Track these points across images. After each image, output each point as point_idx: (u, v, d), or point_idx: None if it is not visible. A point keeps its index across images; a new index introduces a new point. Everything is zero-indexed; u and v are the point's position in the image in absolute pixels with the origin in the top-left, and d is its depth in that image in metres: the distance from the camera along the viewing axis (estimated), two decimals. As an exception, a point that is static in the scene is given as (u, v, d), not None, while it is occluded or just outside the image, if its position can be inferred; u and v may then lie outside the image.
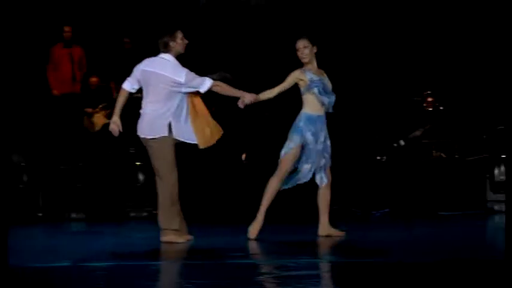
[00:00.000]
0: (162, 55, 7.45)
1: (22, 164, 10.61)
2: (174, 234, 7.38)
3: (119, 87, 11.66)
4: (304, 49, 7.57)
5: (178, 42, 7.43)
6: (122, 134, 7.58)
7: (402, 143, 10.48)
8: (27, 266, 6.01)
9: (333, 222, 7.88)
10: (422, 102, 11.05)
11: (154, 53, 7.54)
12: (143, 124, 7.39)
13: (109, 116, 11.47)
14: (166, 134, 7.29)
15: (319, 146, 7.55)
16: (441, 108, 10.90)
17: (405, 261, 6.04)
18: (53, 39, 11.77)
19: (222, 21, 12.38)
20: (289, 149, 7.51)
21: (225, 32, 12.34)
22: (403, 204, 10.24)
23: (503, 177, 10.24)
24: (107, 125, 11.44)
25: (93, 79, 11.64)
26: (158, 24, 11.85)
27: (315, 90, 7.52)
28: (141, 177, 10.67)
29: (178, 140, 7.38)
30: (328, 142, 7.66)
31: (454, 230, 8.65)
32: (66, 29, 11.66)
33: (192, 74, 7.35)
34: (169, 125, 7.29)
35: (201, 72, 7.55)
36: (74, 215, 10.47)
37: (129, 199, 10.62)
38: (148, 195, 10.32)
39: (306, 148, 7.53)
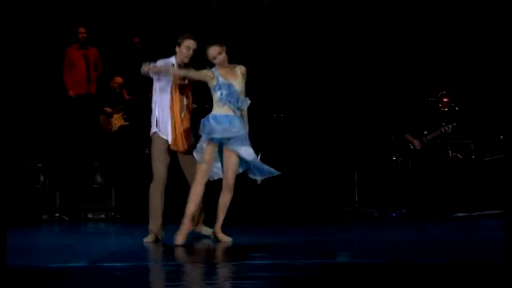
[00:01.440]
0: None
1: (39, 164, 10.66)
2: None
3: (129, 89, 11.80)
4: (219, 55, 7.33)
5: (182, 51, 7.47)
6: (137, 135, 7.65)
7: (425, 139, 10.41)
8: (44, 266, 6.04)
9: (349, 221, 7.86)
10: (437, 102, 11.00)
11: (165, 53, 7.59)
12: None
13: (126, 119, 11.53)
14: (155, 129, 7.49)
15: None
16: (457, 108, 10.86)
17: (416, 261, 6.02)
18: (68, 40, 11.80)
19: (234, 22, 12.39)
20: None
21: (238, 33, 12.36)
22: (419, 205, 10.20)
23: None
24: (123, 127, 11.52)
25: (118, 79, 11.66)
26: (169, 24, 11.92)
27: (218, 93, 7.31)
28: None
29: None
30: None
31: (469, 231, 8.62)
32: (81, 30, 11.70)
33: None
34: (156, 120, 7.46)
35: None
36: (90, 216, 10.53)
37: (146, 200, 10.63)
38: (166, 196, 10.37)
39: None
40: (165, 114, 7.47)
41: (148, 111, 7.65)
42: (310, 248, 7.17)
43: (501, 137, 10.74)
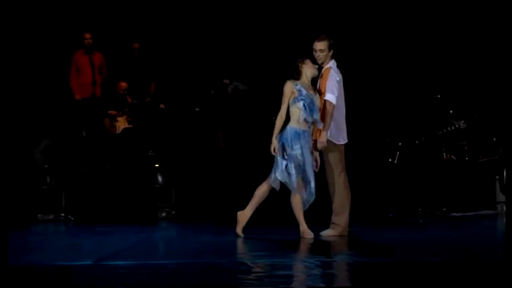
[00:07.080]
0: None
1: (45, 166, 10.89)
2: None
3: (131, 93, 12.00)
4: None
5: None
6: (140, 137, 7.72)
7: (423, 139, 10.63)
8: (50, 264, 6.26)
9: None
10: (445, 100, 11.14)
11: (164, 58, 7.69)
12: None
13: (130, 122, 11.77)
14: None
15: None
16: (451, 112, 11.02)
17: (413, 260, 6.24)
18: (74, 45, 12.05)
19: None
20: None
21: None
22: (414, 205, 10.39)
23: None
24: (126, 129, 11.76)
25: (123, 84, 11.91)
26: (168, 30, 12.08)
27: (300, 104, 7.49)
28: (160, 178, 10.85)
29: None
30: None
31: (463, 231, 8.80)
32: (87, 35, 11.93)
33: None
34: None
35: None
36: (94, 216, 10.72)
37: (151, 200, 10.80)
38: (168, 196, 10.60)
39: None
40: None
41: (151, 114, 7.78)
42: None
43: (494, 139, 10.91)
